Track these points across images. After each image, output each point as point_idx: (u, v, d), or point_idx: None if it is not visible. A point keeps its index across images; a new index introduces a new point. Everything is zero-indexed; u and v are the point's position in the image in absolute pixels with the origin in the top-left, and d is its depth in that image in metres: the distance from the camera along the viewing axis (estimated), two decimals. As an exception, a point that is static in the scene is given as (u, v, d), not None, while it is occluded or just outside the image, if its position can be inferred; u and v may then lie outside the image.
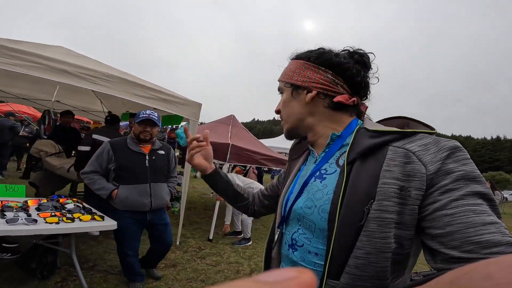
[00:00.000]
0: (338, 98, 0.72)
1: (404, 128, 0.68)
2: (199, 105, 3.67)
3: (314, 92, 0.74)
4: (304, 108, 0.76)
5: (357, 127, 0.71)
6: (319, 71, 0.74)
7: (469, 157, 0.57)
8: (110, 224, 2.20)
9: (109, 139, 3.98)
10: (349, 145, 0.67)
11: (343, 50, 0.76)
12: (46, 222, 2.00)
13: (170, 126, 4.91)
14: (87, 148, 3.85)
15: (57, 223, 2.02)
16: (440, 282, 0.14)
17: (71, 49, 3.62)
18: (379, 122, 0.78)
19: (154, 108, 3.88)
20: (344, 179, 0.63)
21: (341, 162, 0.70)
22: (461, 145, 0.58)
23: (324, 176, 0.71)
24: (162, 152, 2.64)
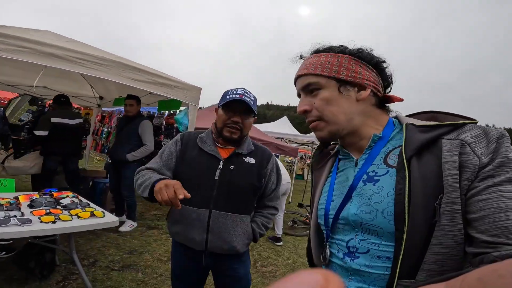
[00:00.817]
0: (396, 99, 0.75)
1: (432, 121, 0.70)
2: (199, 89, 3.47)
3: (368, 90, 0.72)
4: (355, 107, 0.73)
5: (405, 124, 0.69)
6: (367, 68, 0.73)
7: None
8: (111, 220, 2.05)
9: (70, 120, 3.79)
10: (404, 142, 0.65)
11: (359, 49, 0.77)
12: (41, 222, 1.83)
13: (167, 112, 4.68)
14: (44, 133, 3.63)
15: (54, 222, 1.85)
16: (468, 278, 0.14)
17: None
18: (407, 117, 0.78)
19: (150, 93, 3.66)
20: (407, 177, 0.61)
21: (390, 161, 0.68)
22: (506, 133, 0.58)
23: (376, 178, 0.68)
24: (252, 160, 1.43)
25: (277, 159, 1.56)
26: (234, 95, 1.35)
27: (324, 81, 0.72)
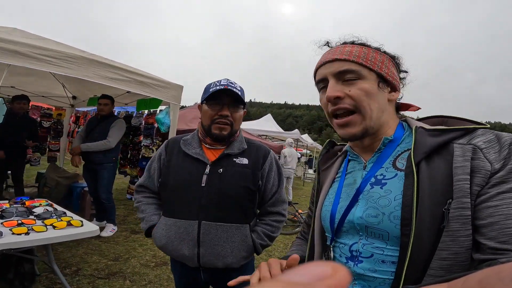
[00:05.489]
0: (413, 108, 0.77)
1: (442, 126, 0.69)
2: (180, 87, 3.35)
3: (398, 93, 0.73)
4: (385, 106, 0.71)
5: (415, 127, 0.67)
6: (397, 72, 0.74)
7: None
8: (91, 230, 1.92)
9: None
10: (413, 146, 0.64)
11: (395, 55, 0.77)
12: (13, 234, 1.69)
13: (147, 111, 4.50)
14: None
15: (27, 233, 1.72)
16: (469, 280, 0.14)
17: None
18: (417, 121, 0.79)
19: (128, 92, 3.49)
20: (416, 181, 0.60)
21: (399, 165, 0.67)
22: None
23: (383, 181, 0.67)
24: (244, 161, 1.27)
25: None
26: (218, 87, 1.20)
27: (366, 72, 0.68)
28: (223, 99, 1.21)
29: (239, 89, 1.24)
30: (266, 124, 10.73)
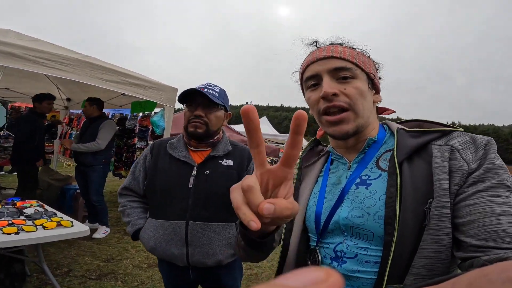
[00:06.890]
0: (388, 112, 0.81)
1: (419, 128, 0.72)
2: (175, 90, 3.38)
3: (380, 97, 0.76)
4: (373, 108, 0.74)
5: (396, 128, 0.70)
6: (378, 77, 0.75)
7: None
8: (81, 230, 1.93)
9: None
10: (395, 147, 0.66)
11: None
12: (4, 233, 1.70)
13: (142, 113, 4.52)
14: None
15: (17, 233, 1.73)
16: (457, 283, 0.14)
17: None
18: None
19: (123, 94, 3.52)
20: (398, 181, 0.61)
21: (382, 165, 0.68)
22: (493, 140, 0.60)
23: (369, 182, 0.68)
24: (229, 162, 1.32)
25: None
26: (191, 89, 1.26)
27: (359, 72, 0.70)
28: (197, 100, 1.27)
29: (217, 91, 1.29)
30: (262, 127, 10.71)
